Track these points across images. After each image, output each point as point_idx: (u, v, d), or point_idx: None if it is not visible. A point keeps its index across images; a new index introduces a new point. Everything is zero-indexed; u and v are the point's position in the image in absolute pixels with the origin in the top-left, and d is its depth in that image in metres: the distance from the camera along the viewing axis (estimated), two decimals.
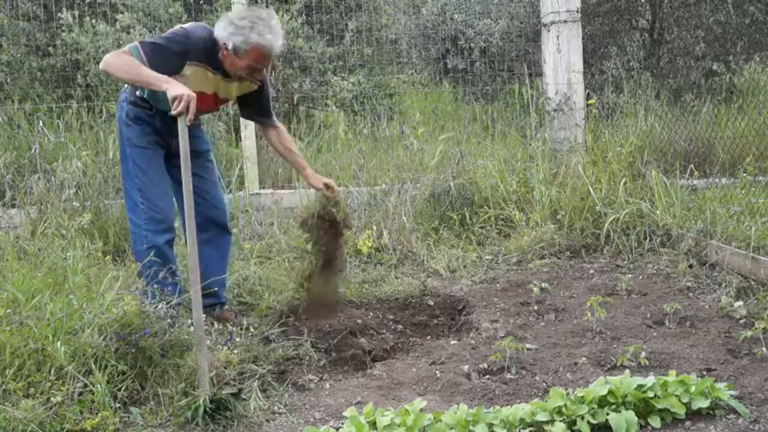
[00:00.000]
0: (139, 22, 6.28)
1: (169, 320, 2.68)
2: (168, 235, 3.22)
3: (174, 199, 3.30)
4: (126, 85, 3.24)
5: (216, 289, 3.25)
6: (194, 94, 2.73)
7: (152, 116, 3.20)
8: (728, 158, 4.97)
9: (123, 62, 2.92)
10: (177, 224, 3.45)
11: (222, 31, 3.07)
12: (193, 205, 2.59)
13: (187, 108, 2.68)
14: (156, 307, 2.74)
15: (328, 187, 3.39)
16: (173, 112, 2.69)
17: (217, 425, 2.47)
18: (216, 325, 3.29)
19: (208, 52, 3.09)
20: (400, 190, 4.82)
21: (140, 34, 6.08)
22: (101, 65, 2.95)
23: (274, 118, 3.46)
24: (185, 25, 3.17)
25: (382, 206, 4.68)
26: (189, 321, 3.13)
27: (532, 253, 4.30)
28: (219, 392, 2.47)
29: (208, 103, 3.22)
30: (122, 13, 6.27)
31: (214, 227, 3.38)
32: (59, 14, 6.10)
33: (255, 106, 3.41)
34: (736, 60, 7.36)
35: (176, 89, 2.73)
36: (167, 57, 2.99)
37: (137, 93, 3.18)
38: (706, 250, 3.89)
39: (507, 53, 7.06)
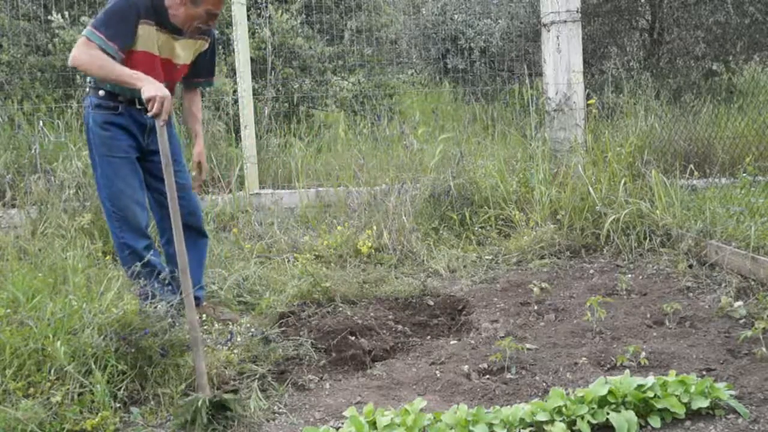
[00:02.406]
0: None
1: (169, 320, 2.68)
2: (145, 241, 3.18)
3: (147, 203, 3.27)
4: (88, 89, 3.17)
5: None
6: (168, 93, 2.71)
7: (120, 115, 3.11)
8: (728, 158, 4.97)
9: (92, 58, 2.87)
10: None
11: None
12: (178, 207, 2.58)
13: (162, 108, 2.66)
14: (156, 306, 2.74)
15: (199, 166, 3.41)
16: (150, 114, 2.68)
17: (218, 425, 2.47)
18: (216, 325, 3.29)
19: (156, 10, 3.04)
20: (400, 190, 4.82)
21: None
22: (69, 61, 2.90)
23: (202, 82, 3.46)
24: None
25: (382, 206, 4.69)
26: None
27: (532, 253, 4.30)
28: (219, 394, 2.47)
29: (161, 69, 3.10)
30: None
31: (190, 231, 3.25)
32: (49, 16, 6.09)
33: (203, 64, 3.36)
34: (736, 60, 7.36)
35: (150, 89, 2.70)
36: (123, 24, 2.94)
37: (100, 93, 3.10)
38: (706, 250, 3.89)
39: (507, 53, 7.07)
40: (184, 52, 3.20)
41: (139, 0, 3.01)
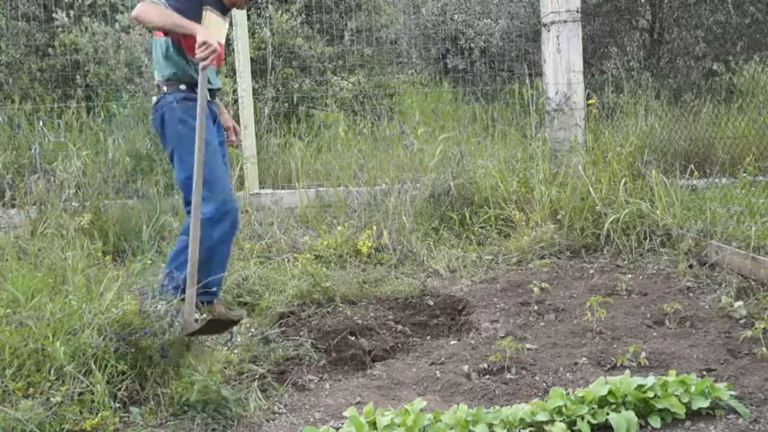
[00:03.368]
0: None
1: (168, 319, 2.68)
2: (224, 222, 3.27)
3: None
4: (165, 87, 3.28)
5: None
6: (218, 47, 2.90)
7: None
8: (728, 158, 4.97)
9: (156, 10, 3.06)
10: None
11: None
12: (201, 177, 2.80)
13: (209, 54, 2.87)
14: (156, 306, 2.74)
15: (234, 129, 3.60)
16: (198, 55, 2.88)
17: (217, 425, 2.47)
18: None
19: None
20: (400, 190, 4.82)
21: (140, 34, 6.08)
22: (133, 14, 3.10)
23: None
24: None
25: (382, 206, 4.68)
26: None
27: (532, 253, 4.29)
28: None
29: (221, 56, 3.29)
30: (122, 13, 6.26)
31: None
32: (53, 15, 6.10)
33: None
34: (736, 60, 7.36)
35: (206, 34, 2.91)
36: (186, 3, 3.14)
37: (181, 87, 3.25)
38: (706, 250, 3.89)
39: (507, 53, 7.06)
40: (225, 31, 3.40)
41: None
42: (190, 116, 3.17)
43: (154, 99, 3.36)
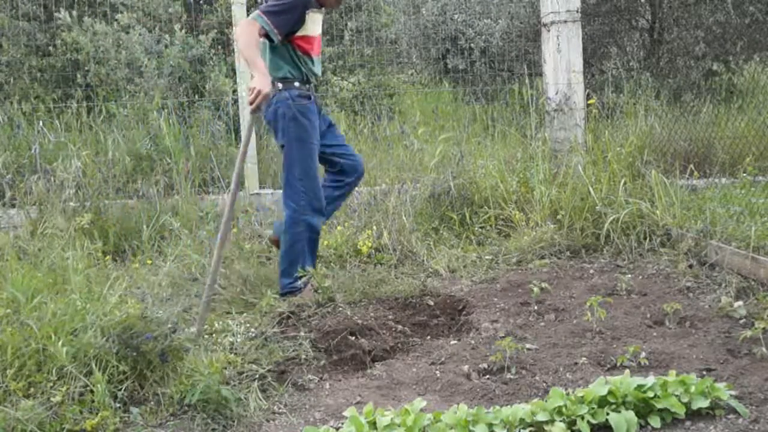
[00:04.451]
0: (138, 22, 6.28)
1: (170, 325, 2.68)
2: (322, 219, 3.75)
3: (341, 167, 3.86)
4: (281, 85, 3.55)
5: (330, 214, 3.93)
6: (268, 91, 3.20)
7: (312, 104, 3.63)
8: (728, 158, 4.97)
9: (246, 34, 3.31)
10: None
11: None
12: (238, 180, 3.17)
13: (256, 100, 3.17)
14: (158, 312, 2.75)
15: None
16: (249, 99, 3.19)
17: (217, 425, 2.47)
18: (216, 325, 3.29)
19: None
20: (400, 190, 4.82)
21: (139, 34, 6.09)
22: (236, 28, 3.49)
23: None
24: None
25: (382, 206, 4.68)
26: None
27: (532, 253, 4.29)
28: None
29: (319, 44, 3.62)
30: (122, 13, 6.27)
31: (356, 176, 3.93)
32: (57, 14, 6.10)
33: None
34: (736, 60, 7.36)
35: (258, 80, 3.20)
36: (289, 18, 3.39)
37: (296, 84, 3.55)
38: (706, 250, 3.89)
39: (507, 53, 7.07)
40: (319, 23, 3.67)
41: None
42: (301, 114, 3.55)
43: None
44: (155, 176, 5.09)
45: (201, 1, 6.71)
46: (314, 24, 3.53)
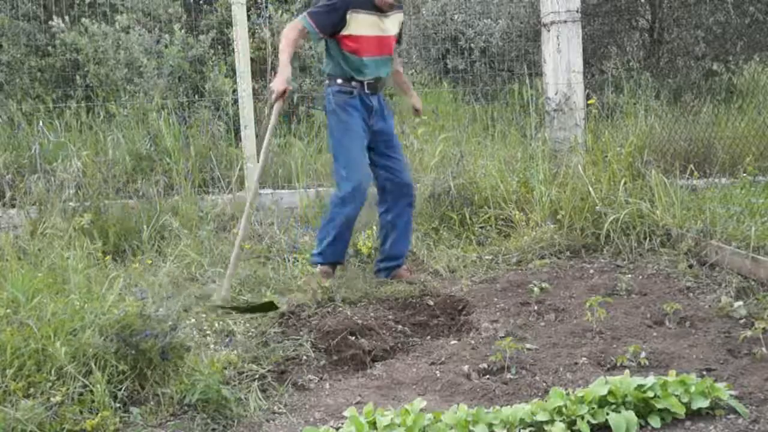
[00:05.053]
0: (138, 23, 6.28)
1: (170, 323, 2.68)
2: (359, 208, 3.85)
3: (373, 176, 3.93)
4: (328, 81, 3.86)
5: (397, 254, 4.02)
6: (282, 90, 3.55)
7: (353, 98, 3.80)
8: (728, 158, 4.96)
9: (288, 36, 3.67)
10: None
11: None
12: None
13: (273, 98, 3.56)
14: (158, 310, 2.75)
15: (417, 111, 4.25)
16: (271, 100, 3.58)
17: (217, 425, 2.47)
18: (216, 326, 3.29)
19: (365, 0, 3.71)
20: None
21: (139, 35, 6.08)
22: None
23: (399, 51, 4.04)
24: None
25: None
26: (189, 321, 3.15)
27: (532, 253, 4.29)
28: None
29: (373, 46, 3.76)
30: (121, 13, 6.26)
31: (402, 201, 3.96)
32: (50, 21, 6.09)
33: (398, 40, 3.99)
34: (736, 60, 7.36)
35: (276, 81, 3.58)
36: (330, 17, 3.67)
37: (338, 81, 3.80)
38: (706, 250, 3.89)
39: (507, 53, 7.06)
40: (391, 25, 3.84)
41: None
42: (341, 109, 3.79)
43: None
44: (155, 176, 5.08)
45: (201, 1, 6.70)
46: (360, 24, 3.71)
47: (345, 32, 3.72)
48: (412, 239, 4.13)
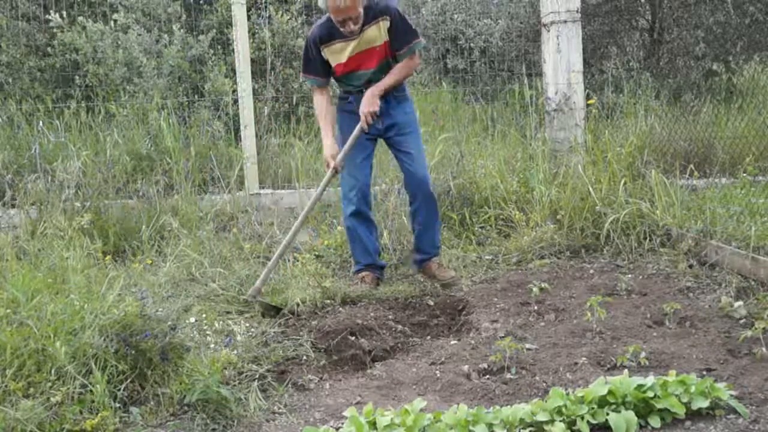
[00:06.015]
0: (137, 22, 6.28)
1: (169, 323, 2.68)
2: (351, 207, 3.94)
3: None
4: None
5: (422, 248, 4.03)
6: (331, 158, 3.77)
7: (350, 104, 3.93)
8: (728, 158, 4.97)
9: (316, 107, 4.00)
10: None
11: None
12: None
13: (330, 163, 3.79)
14: (157, 310, 2.75)
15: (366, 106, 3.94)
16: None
17: (217, 425, 2.47)
18: (216, 326, 3.29)
19: (330, 32, 3.77)
20: (400, 190, 4.81)
21: (138, 34, 6.08)
22: None
23: (404, 52, 3.89)
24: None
25: (382, 206, 4.68)
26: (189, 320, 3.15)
27: (532, 253, 4.29)
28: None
29: (351, 65, 3.83)
30: (117, 11, 6.26)
31: (420, 195, 3.95)
32: (47, 16, 6.09)
33: (396, 39, 3.87)
34: (736, 60, 7.36)
35: (325, 150, 3.86)
36: (313, 63, 3.87)
37: (338, 91, 4.05)
38: (706, 250, 3.89)
39: (507, 53, 7.07)
40: (373, 37, 3.80)
41: (314, 36, 3.81)
42: (340, 114, 4.00)
43: None
44: (155, 176, 5.09)
45: (201, 1, 6.70)
46: (337, 53, 3.82)
47: (332, 63, 3.88)
48: (438, 234, 4.11)
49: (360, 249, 4.00)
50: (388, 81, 3.85)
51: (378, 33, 3.79)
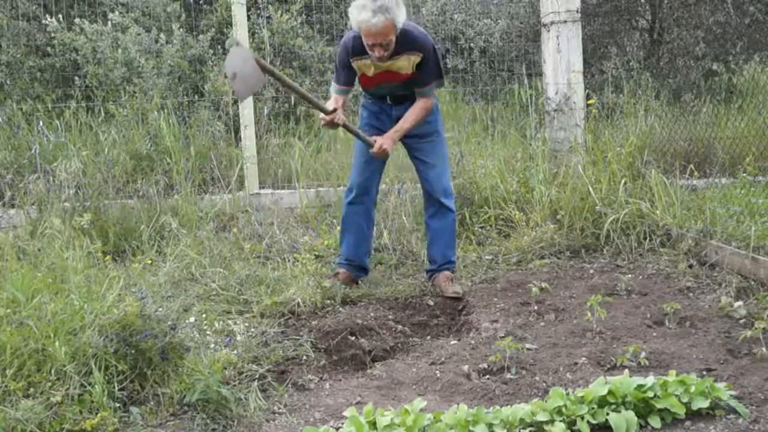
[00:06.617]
0: (136, 22, 6.28)
1: (169, 323, 2.68)
2: (349, 195, 3.97)
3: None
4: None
5: (433, 258, 3.99)
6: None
7: (372, 104, 3.98)
8: (728, 158, 4.97)
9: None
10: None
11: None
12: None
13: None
14: (157, 310, 2.75)
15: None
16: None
17: (217, 425, 2.47)
18: (216, 326, 3.29)
19: (362, 45, 3.63)
20: (400, 190, 4.82)
21: (138, 34, 6.08)
22: None
23: (424, 91, 3.81)
24: (339, 45, 3.89)
25: (382, 206, 4.68)
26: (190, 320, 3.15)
27: (532, 253, 4.29)
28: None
29: (376, 80, 3.79)
30: (113, 11, 6.25)
31: (434, 205, 3.96)
32: (43, 20, 6.09)
33: (419, 75, 3.78)
34: (736, 60, 7.36)
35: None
36: (341, 70, 3.80)
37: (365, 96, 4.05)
38: (706, 250, 3.89)
39: (507, 53, 7.07)
40: (400, 65, 3.72)
41: (346, 46, 3.75)
42: (362, 112, 4.06)
43: None
44: (155, 176, 5.09)
45: (201, 1, 6.70)
46: (364, 67, 3.76)
47: (358, 73, 3.84)
48: (452, 249, 4.01)
49: (349, 241, 3.97)
50: (405, 126, 3.80)
51: (407, 64, 3.71)
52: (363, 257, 4.00)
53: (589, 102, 5.29)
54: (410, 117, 3.79)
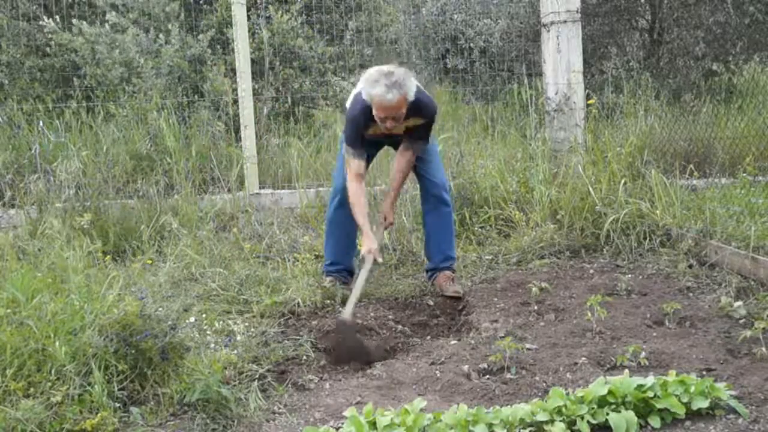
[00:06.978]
0: (134, 22, 6.28)
1: (169, 323, 2.68)
2: (337, 197, 3.91)
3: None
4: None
5: (431, 256, 3.97)
6: (375, 248, 3.56)
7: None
8: (728, 158, 4.97)
9: (351, 192, 3.69)
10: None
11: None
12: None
13: (369, 253, 3.54)
14: (157, 309, 2.75)
15: (385, 219, 3.88)
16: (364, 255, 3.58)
17: (217, 425, 2.47)
18: (216, 326, 3.29)
19: (369, 120, 3.64)
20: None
21: (136, 35, 6.08)
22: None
23: (413, 143, 3.82)
24: (350, 110, 3.77)
25: (381, 206, 4.68)
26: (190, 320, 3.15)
27: (532, 253, 4.29)
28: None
29: (377, 135, 3.77)
30: (110, 12, 6.25)
31: (432, 200, 3.93)
32: (40, 22, 6.09)
33: (415, 132, 3.79)
34: (736, 60, 7.37)
35: (365, 243, 3.58)
36: (354, 138, 3.71)
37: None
38: (706, 250, 3.89)
39: (507, 53, 7.07)
40: (406, 125, 3.73)
41: (358, 118, 3.68)
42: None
43: None
44: (155, 176, 5.09)
45: (201, 1, 6.70)
46: (371, 131, 3.75)
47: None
48: (451, 247, 3.98)
49: (336, 247, 3.94)
50: (397, 186, 3.89)
51: (411, 124, 3.75)
52: (351, 262, 4.00)
53: (589, 102, 5.29)
54: (399, 176, 3.87)
